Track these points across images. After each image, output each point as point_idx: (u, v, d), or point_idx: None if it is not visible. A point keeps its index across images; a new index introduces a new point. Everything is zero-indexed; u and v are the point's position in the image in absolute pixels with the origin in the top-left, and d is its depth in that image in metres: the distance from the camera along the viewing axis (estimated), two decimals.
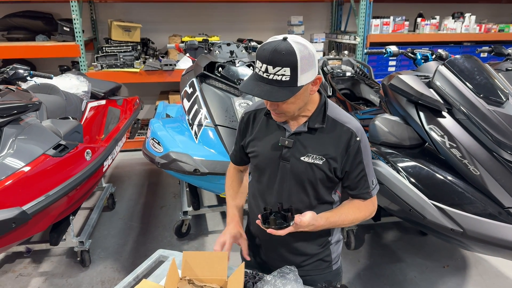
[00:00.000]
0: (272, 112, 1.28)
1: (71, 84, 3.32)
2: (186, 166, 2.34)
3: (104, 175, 3.83)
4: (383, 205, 2.40)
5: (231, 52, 2.97)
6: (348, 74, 3.65)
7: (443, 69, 2.30)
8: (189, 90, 2.86)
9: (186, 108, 2.82)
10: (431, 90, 2.27)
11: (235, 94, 2.71)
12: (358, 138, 1.29)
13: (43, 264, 2.81)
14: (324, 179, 1.31)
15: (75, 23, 4.39)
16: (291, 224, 1.20)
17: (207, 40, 3.50)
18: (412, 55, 2.93)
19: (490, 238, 1.81)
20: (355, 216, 1.32)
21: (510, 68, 2.53)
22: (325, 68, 3.71)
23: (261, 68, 1.16)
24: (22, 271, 2.74)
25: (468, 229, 1.85)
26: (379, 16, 5.14)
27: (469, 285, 2.61)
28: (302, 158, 1.29)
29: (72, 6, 4.31)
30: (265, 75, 1.15)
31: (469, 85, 2.19)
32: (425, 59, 2.89)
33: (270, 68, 1.14)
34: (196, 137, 2.58)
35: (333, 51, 5.78)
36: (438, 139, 2.10)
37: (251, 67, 2.92)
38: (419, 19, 5.41)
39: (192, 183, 2.92)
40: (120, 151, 3.76)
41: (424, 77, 2.43)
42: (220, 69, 2.85)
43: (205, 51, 3.34)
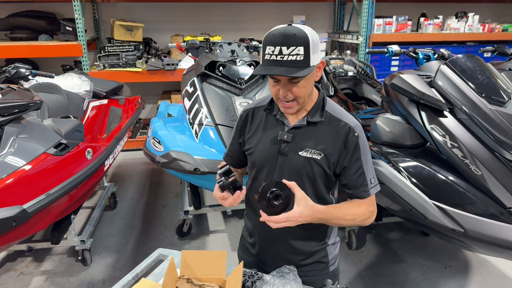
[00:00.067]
0: (282, 104, 1.27)
1: (73, 84, 3.32)
2: (187, 165, 2.34)
3: (106, 174, 3.84)
4: (384, 205, 2.39)
5: (232, 51, 2.97)
6: (350, 74, 3.64)
7: (445, 69, 2.29)
8: (190, 89, 2.86)
9: (187, 108, 2.82)
10: (433, 90, 2.26)
11: (236, 94, 2.71)
12: (356, 134, 1.29)
13: (45, 263, 2.82)
14: (322, 175, 1.31)
15: (78, 23, 4.41)
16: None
17: (209, 40, 3.50)
18: (414, 55, 2.91)
19: (492, 239, 1.80)
20: (355, 211, 1.31)
21: None
22: (327, 68, 3.70)
23: (274, 52, 1.17)
24: (24, 270, 2.74)
25: (470, 230, 1.84)
26: (382, 16, 5.12)
27: (471, 286, 2.60)
28: (301, 153, 1.29)
29: (75, 6, 4.32)
30: (279, 58, 1.17)
31: (471, 85, 2.18)
32: (427, 59, 2.88)
33: (284, 49, 1.15)
34: (197, 137, 2.58)
35: (336, 51, 5.78)
36: (440, 139, 2.09)
37: (252, 66, 2.91)
38: (422, 19, 5.39)
39: (193, 183, 2.92)
40: (122, 151, 3.76)
41: (426, 77, 2.42)
42: (221, 68, 2.85)
43: (207, 51, 3.34)
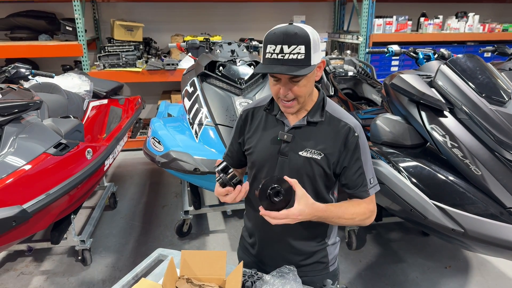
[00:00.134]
0: (282, 103, 1.26)
1: (73, 83, 3.32)
2: (186, 165, 2.34)
3: (106, 174, 3.84)
4: (384, 205, 2.39)
5: (232, 51, 2.97)
6: (350, 74, 3.64)
7: (445, 69, 2.29)
8: (190, 89, 2.86)
9: (187, 107, 2.82)
10: (433, 90, 2.26)
11: (236, 94, 2.71)
12: (356, 134, 1.29)
13: (45, 263, 2.82)
14: (322, 175, 1.31)
15: (78, 23, 4.41)
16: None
17: (209, 40, 3.50)
18: (414, 55, 2.91)
19: (492, 239, 1.79)
20: (355, 210, 1.30)
21: None
22: (327, 68, 3.69)
23: (275, 50, 1.17)
24: (24, 270, 2.74)
25: (470, 230, 1.84)
26: (382, 16, 5.12)
27: (471, 286, 2.59)
28: (301, 153, 1.29)
29: (75, 6, 4.32)
30: (280, 56, 1.17)
31: (471, 85, 2.17)
32: (427, 59, 2.88)
33: (286, 48, 1.16)
34: (197, 136, 2.58)
35: (336, 51, 5.77)
36: (440, 139, 2.09)
37: (252, 66, 2.91)
38: (422, 19, 5.39)
39: (193, 182, 2.91)
40: (122, 151, 3.76)
41: (426, 77, 2.42)
42: (221, 68, 2.85)
43: (207, 50, 3.34)
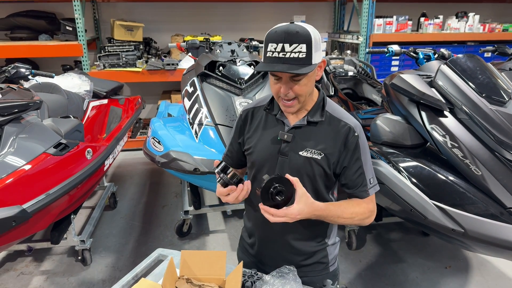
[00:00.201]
0: (283, 102, 1.26)
1: (73, 83, 3.32)
2: (186, 165, 2.34)
3: (106, 174, 3.84)
4: (385, 205, 2.39)
5: (232, 51, 2.96)
6: (350, 74, 3.64)
7: (445, 69, 2.29)
8: (190, 89, 2.86)
9: (187, 107, 2.81)
10: (433, 90, 2.26)
11: (236, 93, 2.71)
12: (356, 134, 1.29)
13: (44, 263, 2.82)
14: (322, 175, 1.31)
15: (78, 23, 4.41)
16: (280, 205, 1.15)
17: (209, 39, 3.50)
18: (414, 55, 2.91)
19: (492, 239, 1.79)
20: (354, 210, 1.30)
21: None
22: (327, 68, 3.69)
23: (276, 49, 1.16)
24: (24, 270, 2.74)
25: (470, 230, 1.84)
26: (382, 16, 5.12)
27: (471, 286, 2.59)
28: (301, 153, 1.29)
29: (75, 6, 4.32)
30: (281, 55, 1.16)
31: (472, 85, 2.17)
32: (428, 59, 2.87)
33: (287, 46, 1.15)
34: (197, 136, 2.58)
35: (336, 51, 5.77)
36: (440, 139, 2.09)
37: (252, 66, 2.91)
38: (423, 19, 5.39)
39: (193, 182, 2.91)
40: (122, 151, 3.76)
41: (426, 77, 2.42)
42: (221, 68, 2.84)
43: (207, 50, 3.34)
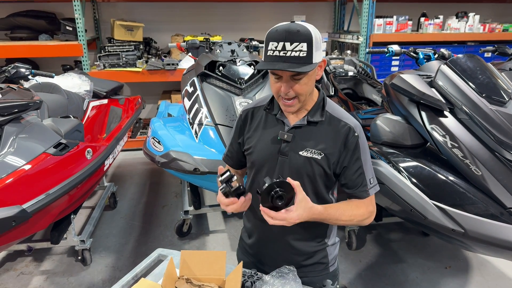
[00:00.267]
0: (283, 102, 1.26)
1: (73, 83, 3.32)
2: (186, 165, 2.34)
3: (106, 174, 3.84)
4: (385, 205, 2.39)
5: (232, 51, 2.96)
6: (351, 74, 3.63)
7: (445, 69, 2.28)
8: (190, 89, 2.86)
9: (187, 107, 2.81)
10: (433, 90, 2.26)
11: (236, 93, 2.70)
12: (356, 134, 1.29)
13: (44, 263, 2.82)
14: (323, 175, 1.31)
15: (78, 23, 4.41)
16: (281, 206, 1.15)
17: (209, 39, 3.50)
18: (414, 55, 2.91)
19: (492, 239, 1.79)
20: (353, 212, 1.30)
21: None
22: (328, 68, 3.69)
23: (277, 48, 1.16)
24: (24, 270, 2.74)
25: (470, 230, 1.84)
26: (382, 16, 5.12)
27: (471, 286, 2.59)
28: (301, 153, 1.29)
29: (75, 6, 4.32)
30: (282, 53, 1.16)
31: (472, 85, 2.17)
32: (428, 59, 2.87)
33: (288, 45, 1.15)
34: (197, 136, 2.58)
35: (336, 51, 5.77)
36: (440, 139, 2.09)
37: (252, 66, 2.91)
38: (423, 19, 5.39)
39: (193, 182, 2.91)
40: (122, 150, 3.76)
41: (426, 77, 2.41)
42: (221, 68, 2.84)
43: (207, 50, 3.34)
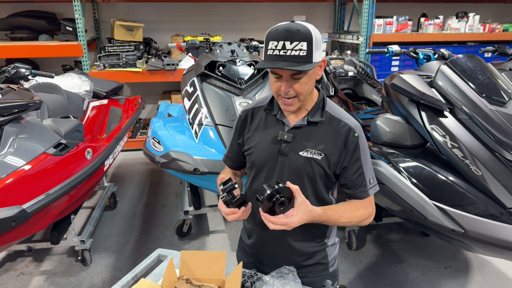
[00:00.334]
0: (282, 101, 1.26)
1: (73, 84, 3.32)
2: (186, 166, 2.34)
3: (106, 174, 3.84)
4: (384, 206, 2.39)
5: (232, 51, 2.96)
6: (351, 74, 3.64)
7: (445, 69, 2.28)
8: (190, 89, 2.86)
9: (187, 108, 2.81)
10: (433, 90, 2.26)
11: (236, 94, 2.70)
12: (357, 134, 1.29)
13: (44, 263, 2.82)
14: (323, 175, 1.31)
15: (78, 23, 4.41)
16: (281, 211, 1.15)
17: (209, 40, 3.49)
18: (414, 55, 2.91)
19: (492, 239, 1.79)
20: (352, 214, 1.30)
21: None
22: (328, 68, 3.69)
23: (277, 47, 1.17)
24: (24, 270, 2.74)
25: (470, 230, 1.84)
26: (382, 16, 5.12)
27: (471, 287, 2.59)
28: (301, 153, 1.29)
29: (75, 6, 4.32)
30: (282, 52, 1.16)
31: (472, 85, 2.17)
32: (428, 59, 2.87)
33: (288, 44, 1.15)
34: (197, 137, 2.58)
35: (336, 51, 5.77)
36: (440, 139, 2.09)
37: (252, 67, 2.91)
38: (423, 19, 5.39)
39: (193, 183, 2.91)
40: (122, 151, 3.76)
41: (426, 77, 2.41)
42: (221, 68, 2.84)
43: (206, 51, 3.33)
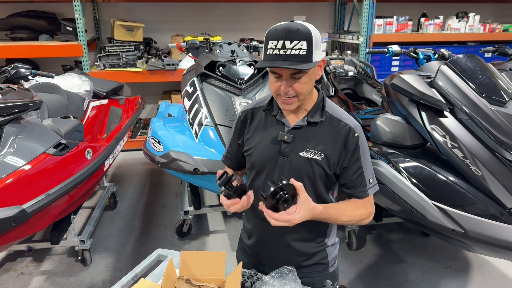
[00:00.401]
0: (282, 100, 1.25)
1: (73, 84, 3.32)
2: (186, 166, 2.34)
3: (106, 174, 3.84)
4: (385, 206, 2.39)
5: (232, 51, 2.96)
6: (351, 74, 3.63)
7: (445, 69, 2.28)
8: (190, 90, 2.86)
9: (187, 108, 2.81)
10: (433, 90, 2.26)
11: (236, 94, 2.70)
12: (356, 134, 1.29)
13: (44, 263, 2.82)
14: (323, 176, 1.31)
15: (78, 23, 4.41)
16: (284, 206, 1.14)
17: (209, 40, 3.49)
18: (414, 55, 2.90)
19: (492, 239, 1.79)
20: (352, 213, 1.30)
21: None
22: (328, 68, 3.69)
23: (277, 46, 1.16)
24: (24, 270, 2.74)
25: (470, 230, 1.84)
26: (382, 16, 5.11)
27: (471, 287, 2.59)
28: (301, 154, 1.29)
29: (75, 6, 4.32)
30: (282, 52, 1.16)
31: (472, 85, 2.17)
32: (428, 59, 2.87)
33: (288, 43, 1.15)
34: (197, 137, 2.58)
35: (336, 51, 5.77)
36: (440, 139, 2.09)
37: (252, 67, 2.91)
38: (423, 19, 5.39)
39: (193, 183, 2.91)
40: (122, 151, 3.76)
41: (426, 77, 2.41)
42: (221, 68, 2.84)
43: (206, 51, 3.33)
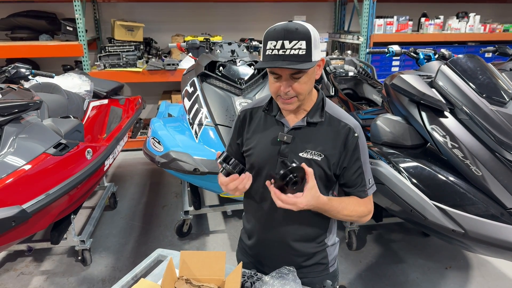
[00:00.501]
0: (282, 101, 1.25)
1: (74, 83, 3.32)
2: (186, 166, 2.34)
3: (106, 174, 3.84)
4: (385, 206, 2.39)
5: (232, 51, 2.96)
6: (351, 74, 3.63)
7: (446, 69, 2.28)
8: (190, 90, 2.86)
9: (187, 108, 2.81)
10: (433, 90, 2.26)
11: (236, 94, 2.70)
12: (356, 134, 1.29)
13: (44, 263, 2.82)
14: (323, 176, 1.31)
15: (78, 23, 4.41)
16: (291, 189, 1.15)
17: (209, 40, 3.49)
18: (415, 55, 2.90)
19: (492, 240, 1.79)
20: (354, 208, 1.31)
21: None
22: (328, 68, 3.69)
23: (276, 46, 1.16)
24: (24, 270, 2.74)
25: (470, 230, 1.84)
26: (383, 16, 5.11)
27: (471, 287, 2.59)
28: (301, 154, 1.28)
29: (75, 6, 4.33)
30: (281, 52, 1.16)
31: (472, 85, 2.17)
32: (428, 59, 2.86)
33: (287, 43, 1.15)
34: (197, 137, 2.58)
35: (336, 51, 5.76)
36: (440, 139, 2.09)
37: (252, 67, 2.91)
38: (423, 19, 5.38)
39: (193, 183, 2.91)
40: (122, 151, 3.76)
41: (427, 77, 2.41)
42: (221, 68, 2.84)
43: (207, 51, 3.33)
